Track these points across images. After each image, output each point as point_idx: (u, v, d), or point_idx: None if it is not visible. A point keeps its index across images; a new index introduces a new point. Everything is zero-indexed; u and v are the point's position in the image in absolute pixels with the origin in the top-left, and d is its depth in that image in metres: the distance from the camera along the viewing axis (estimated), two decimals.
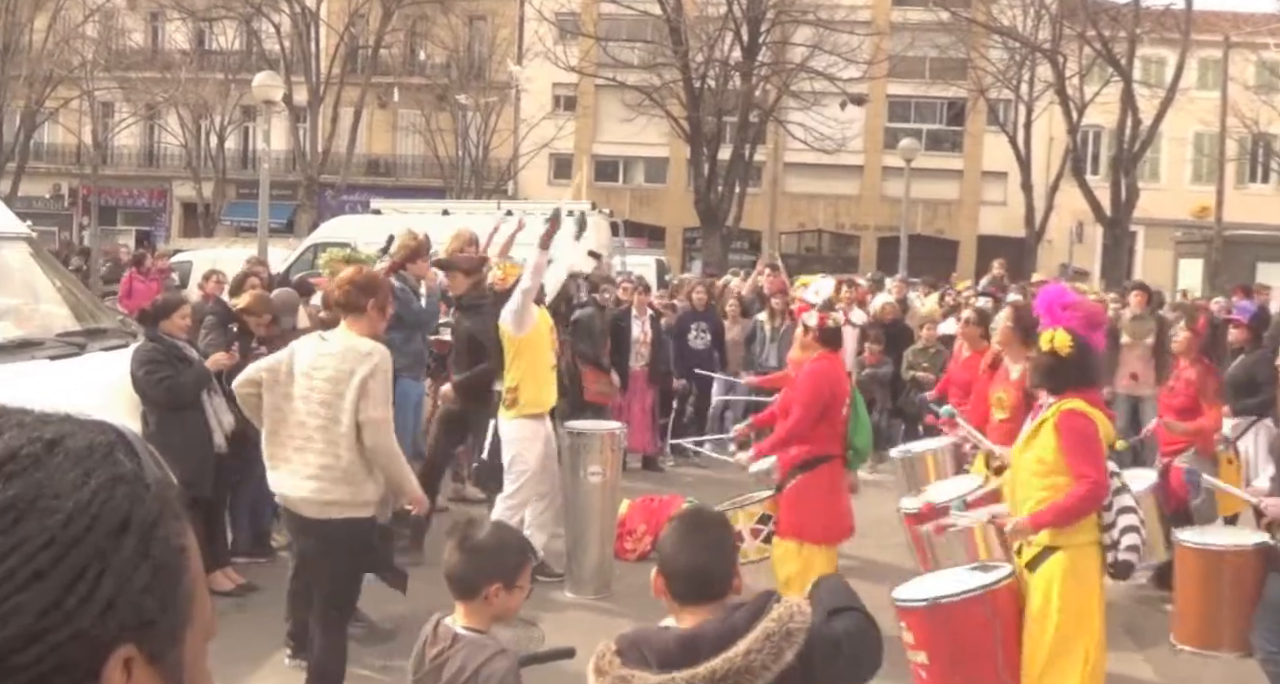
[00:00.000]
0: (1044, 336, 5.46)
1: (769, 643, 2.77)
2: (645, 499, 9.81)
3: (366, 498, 5.60)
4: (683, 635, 2.88)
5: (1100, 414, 5.35)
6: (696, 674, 2.75)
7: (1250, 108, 38.13)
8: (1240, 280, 19.64)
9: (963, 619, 5.27)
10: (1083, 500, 5.12)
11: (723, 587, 2.99)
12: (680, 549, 3.01)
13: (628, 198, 44.56)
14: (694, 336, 13.31)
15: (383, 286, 5.93)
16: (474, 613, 3.48)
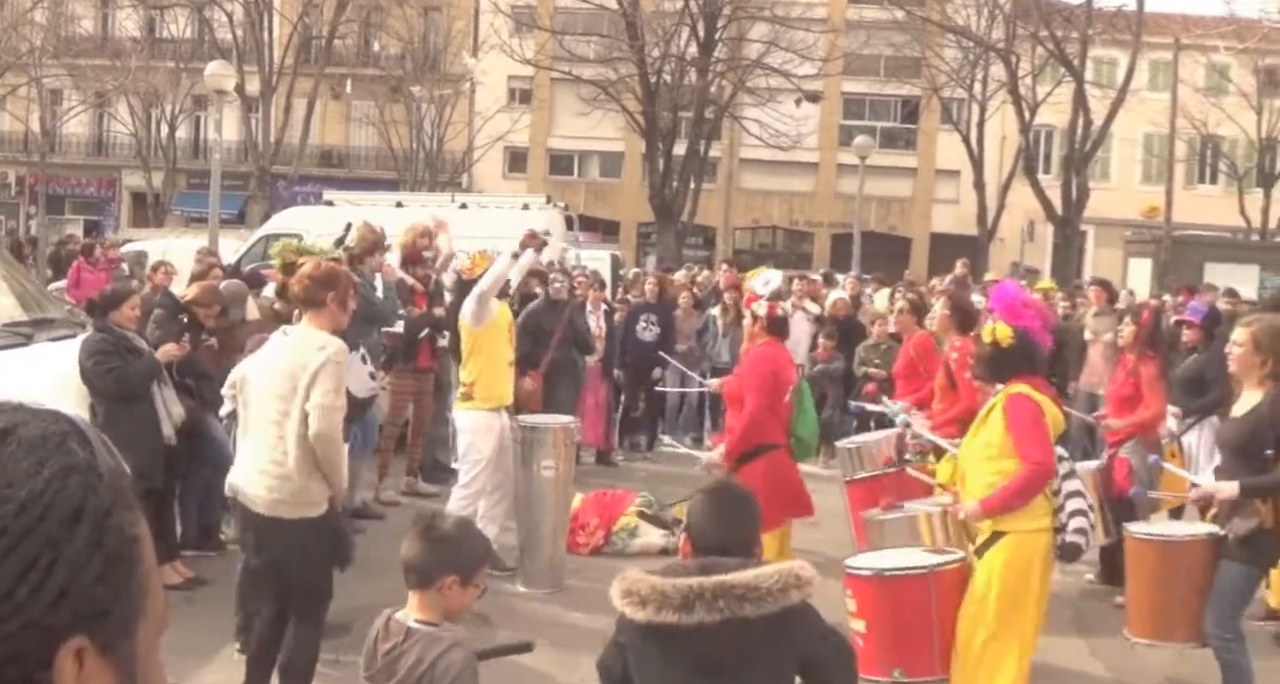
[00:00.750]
0: (985, 329, 5.57)
1: (779, 576, 3.07)
2: (598, 493, 9.81)
3: (313, 498, 5.54)
4: (704, 561, 3.23)
5: (1047, 400, 5.42)
6: (709, 579, 3.05)
7: (1199, 110, 38.62)
8: (1188, 280, 19.85)
9: (905, 594, 5.40)
10: (1028, 482, 5.19)
11: (746, 555, 3.30)
12: (709, 521, 3.34)
13: (582, 192, 44.50)
14: (643, 328, 13.31)
15: (342, 280, 5.88)
16: (427, 605, 3.48)
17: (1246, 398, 5.94)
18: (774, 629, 3.07)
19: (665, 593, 3.06)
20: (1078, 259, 35.05)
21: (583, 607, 7.86)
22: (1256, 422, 5.77)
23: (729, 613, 3.02)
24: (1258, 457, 5.74)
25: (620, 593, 3.15)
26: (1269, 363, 5.82)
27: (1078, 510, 5.31)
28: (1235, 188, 40.58)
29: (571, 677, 6.64)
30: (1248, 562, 5.76)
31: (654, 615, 3.05)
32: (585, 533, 9.27)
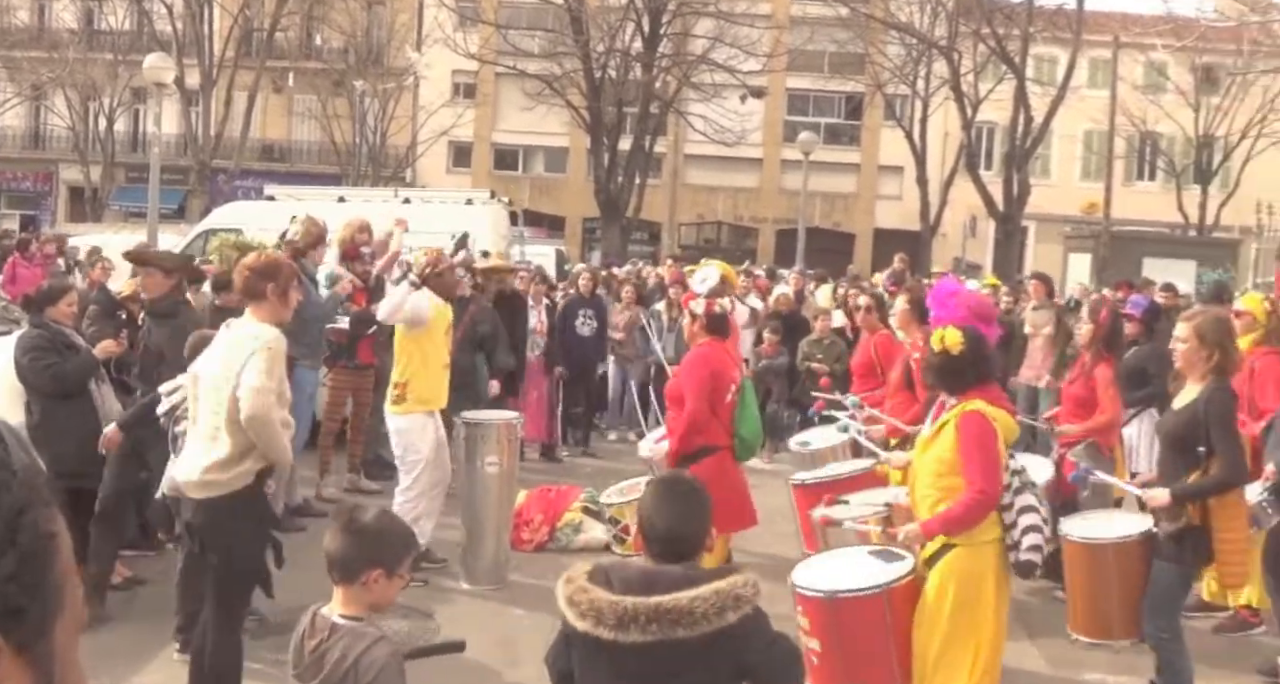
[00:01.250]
0: (934, 336, 5.39)
1: (716, 597, 3.10)
2: (542, 489, 9.78)
3: (245, 469, 5.51)
4: (646, 570, 3.28)
5: (1003, 414, 5.31)
6: (645, 603, 3.09)
7: (1138, 107, 39.14)
8: (1127, 275, 20.08)
9: (860, 614, 5.28)
10: (970, 510, 5.11)
11: (695, 547, 3.34)
12: (657, 513, 3.35)
13: (527, 187, 44.35)
14: (581, 323, 13.29)
15: (283, 270, 5.81)
16: (352, 599, 3.47)
17: (1188, 390, 5.95)
18: (708, 646, 3.12)
19: (601, 611, 3.11)
20: (1019, 254, 35.39)
21: (526, 603, 7.84)
22: (1192, 415, 5.78)
23: (661, 635, 3.08)
24: (1192, 451, 5.75)
25: (564, 598, 3.20)
26: (1215, 356, 5.82)
27: (1031, 526, 5.21)
28: (1173, 184, 41.19)
29: (515, 673, 6.62)
30: (1179, 561, 5.77)
31: (591, 629, 3.12)
32: (529, 529, 9.24)
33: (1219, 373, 5.82)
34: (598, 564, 3.31)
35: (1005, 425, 5.30)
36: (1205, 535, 5.70)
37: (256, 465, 5.53)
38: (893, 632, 5.26)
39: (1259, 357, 7.82)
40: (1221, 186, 39.49)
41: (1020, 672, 6.91)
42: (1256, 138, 38.49)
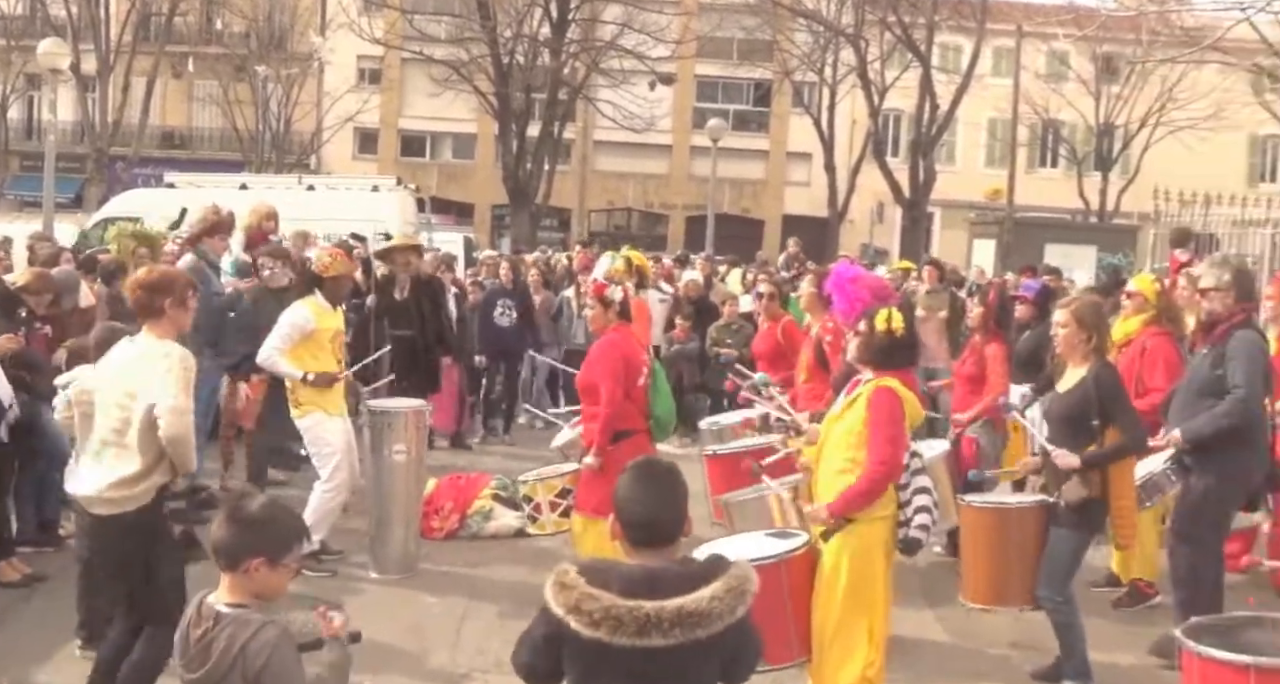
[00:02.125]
0: (880, 316, 5.57)
1: (729, 595, 3.15)
2: (452, 477, 9.71)
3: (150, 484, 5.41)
4: (649, 570, 3.23)
5: (912, 397, 5.52)
6: (665, 607, 3.08)
7: (1041, 95, 39.79)
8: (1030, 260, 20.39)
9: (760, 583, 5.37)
10: (873, 484, 5.32)
11: (674, 532, 3.34)
12: (635, 498, 3.33)
13: (435, 174, 44.02)
14: (500, 313, 13.20)
15: (177, 281, 5.67)
16: (236, 587, 3.45)
17: (1071, 374, 6.17)
18: (716, 641, 3.15)
19: (620, 618, 3.08)
20: (925, 240, 35.84)
21: (437, 590, 7.78)
22: (1083, 395, 6.01)
23: (683, 638, 3.09)
24: (1085, 427, 5.97)
25: (565, 605, 3.12)
26: (1093, 338, 6.09)
27: (923, 507, 5.47)
28: (1074, 171, 41.98)
29: (427, 661, 6.56)
30: (1076, 528, 5.98)
31: (608, 637, 3.07)
32: (439, 517, 9.16)
33: (1099, 353, 6.10)
34: (583, 564, 3.27)
35: (913, 407, 5.52)
36: (1103, 503, 5.94)
37: (162, 479, 5.44)
38: (791, 602, 5.41)
39: (1150, 336, 7.99)
40: (1122, 173, 40.32)
41: (925, 643, 7.02)
42: (1155, 126, 39.35)
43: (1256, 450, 6.61)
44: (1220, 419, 6.40)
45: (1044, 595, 6.01)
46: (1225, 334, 6.55)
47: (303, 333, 8.00)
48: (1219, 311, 6.62)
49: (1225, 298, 6.59)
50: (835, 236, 37.41)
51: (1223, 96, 35.91)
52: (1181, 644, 4.64)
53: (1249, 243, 11.61)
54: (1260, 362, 6.52)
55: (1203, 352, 6.79)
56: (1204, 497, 6.49)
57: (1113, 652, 6.72)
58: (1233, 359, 6.44)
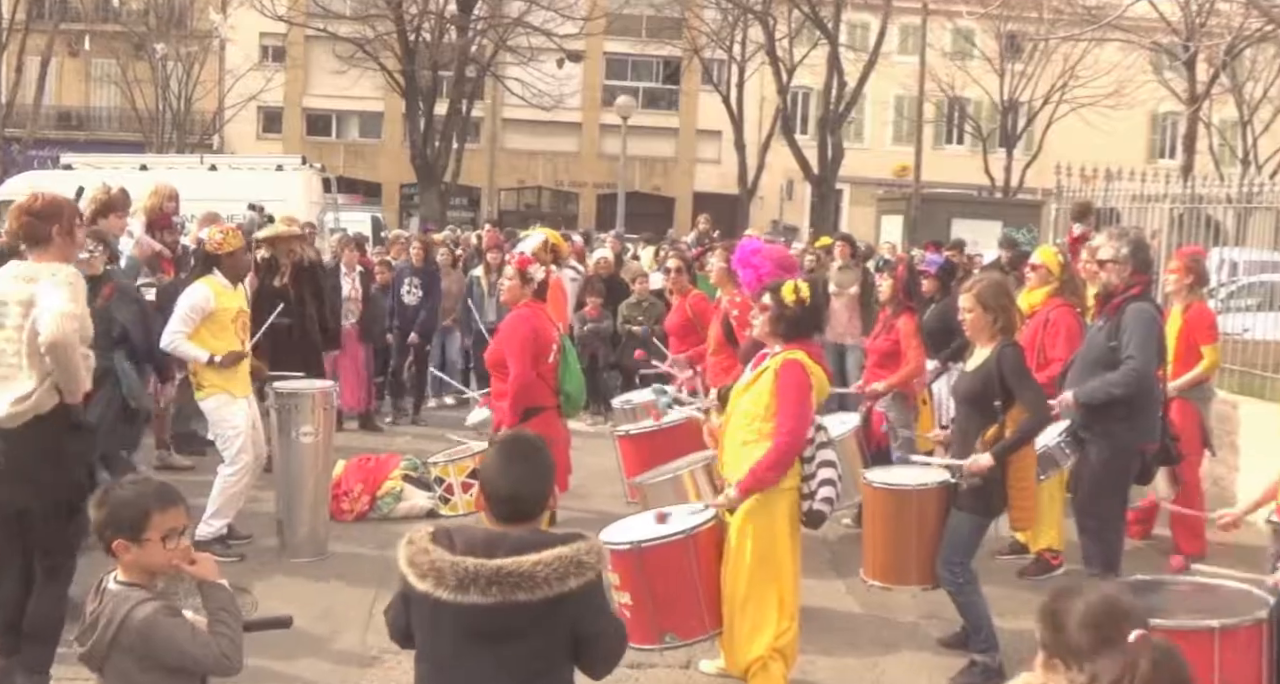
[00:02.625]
0: (786, 288, 5.60)
1: (558, 563, 3.14)
2: (361, 459, 9.61)
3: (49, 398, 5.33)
4: (491, 532, 3.30)
5: (819, 370, 5.57)
6: (486, 564, 3.13)
7: (947, 73, 40.24)
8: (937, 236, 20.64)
9: (664, 561, 5.46)
10: (781, 456, 5.39)
11: (537, 507, 3.37)
12: (500, 474, 3.35)
13: (342, 153, 43.50)
14: (407, 292, 13.07)
15: (65, 209, 5.54)
16: (122, 568, 3.52)
17: (979, 353, 6.24)
18: (548, 610, 3.16)
19: (442, 571, 3.14)
20: (834, 217, 36.09)
21: (348, 573, 7.71)
22: (986, 375, 6.07)
23: (501, 598, 3.10)
24: (988, 407, 6.03)
25: (404, 559, 3.22)
26: (999, 319, 6.13)
27: (827, 479, 5.53)
28: (980, 148, 42.50)
29: (338, 642, 6.51)
30: (975, 512, 6.03)
31: (431, 589, 3.14)
32: (349, 499, 9.07)
33: (1005, 333, 6.14)
34: (441, 525, 3.34)
35: (820, 380, 5.57)
36: (1001, 485, 5.99)
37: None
38: (699, 576, 5.48)
39: (1053, 308, 8.13)
40: (1026, 150, 40.88)
41: (835, 613, 7.10)
42: (1058, 103, 39.95)
43: (1150, 421, 6.75)
44: (1113, 387, 6.53)
45: (944, 576, 6.08)
46: (1120, 306, 6.67)
47: (203, 313, 7.85)
48: (1116, 283, 6.74)
49: (1123, 270, 6.72)
50: (745, 213, 37.53)
51: (1124, 74, 36.60)
52: None
53: (1148, 217, 11.81)
54: (1153, 333, 6.65)
55: (1099, 323, 6.91)
56: (1103, 468, 6.62)
57: (1018, 618, 6.83)
58: (1127, 330, 6.57)
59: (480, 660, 3.20)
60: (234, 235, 8.20)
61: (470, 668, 3.21)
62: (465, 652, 3.20)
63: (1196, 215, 11.31)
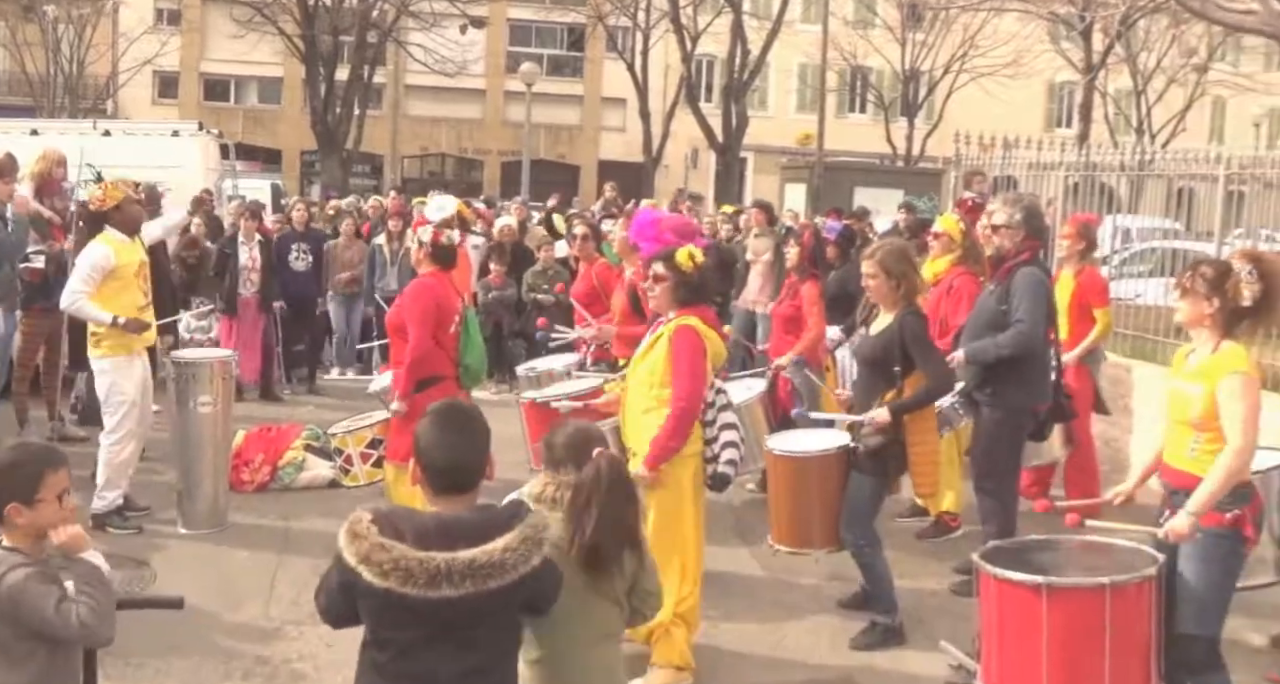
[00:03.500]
0: (682, 254, 5.61)
1: (524, 545, 3.12)
2: (262, 428, 9.49)
3: None
4: (442, 519, 3.18)
5: (713, 334, 5.60)
6: (457, 558, 3.04)
7: (849, 42, 40.50)
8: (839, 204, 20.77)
9: None
10: (679, 421, 5.42)
11: (475, 478, 3.29)
12: (437, 443, 3.27)
13: (240, 119, 42.72)
14: (295, 258, 12.88)
15: None
16: (7, 533, 3.48)
17: (883, 318, 6.30)
18: (513, 589, 3.13)
19: (410, 570, 3.03)
20: (739, 185, 36.25)
21: (249, 544, 7.62)
22: (888, 340, 6.14)
23: (474, 589, 3.05)
24: (888, 372, 6.11)
25: (356, 555, 3.07)
26: (901, 285, 6.19)
27: (730, 442, 5.58)
28: (882, 117, 42.90)
29: (238, 614, 6.43)
30: (875, 474, 6.12)
31: (397, 587, 3.03)
32: (250, 470, 8.95)
33: (908, 299, 6.21)
34: (378, 512, 3.19)
35: (715, 346, 5.61)
36: (901, 449, 6.08)
37: None
38: None
39: (957, 275, 8.25)
40: (927, 119, 41.33)
41: (738, 577, 7.18)
42: (958, 73, 40.45)
43: (1041, 381, 6.89)
44: (1002, 348, 6.65)
45: (847, 539, 6.15)
46: (1011, 270, 6.79)
47: (104, 272, 7.67)
48: (1008, 248, 6.85)
49: (1015, 235, 6.82)
50: (651, 182, 37.52)
51: (1022, 44, 37.14)
52: (979, 567, 4.83)
53: (1045, 185, 12.00)
54: (1042, 297, 6.76)
55: (990, 287, 7.03)
56: (996, 429, 6.74)
57: (918, 579, 6.98)
58: (1016, 294, 6.68)
59: (444, 645, 3.15)
60: (114, 188, 8.00)
61: (433, 653, 3.16)
62: (430, 638, 3.15)
63: (1092, 183, 11.51)
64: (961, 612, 6.15)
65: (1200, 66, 38.62)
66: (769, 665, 6.02)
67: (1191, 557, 4.67)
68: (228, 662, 5.80)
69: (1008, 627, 4.72)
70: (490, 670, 3.23)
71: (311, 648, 5.94)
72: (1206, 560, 4.65)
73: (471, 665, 3.17)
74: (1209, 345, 4.70)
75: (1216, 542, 4.61)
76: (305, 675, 5.72)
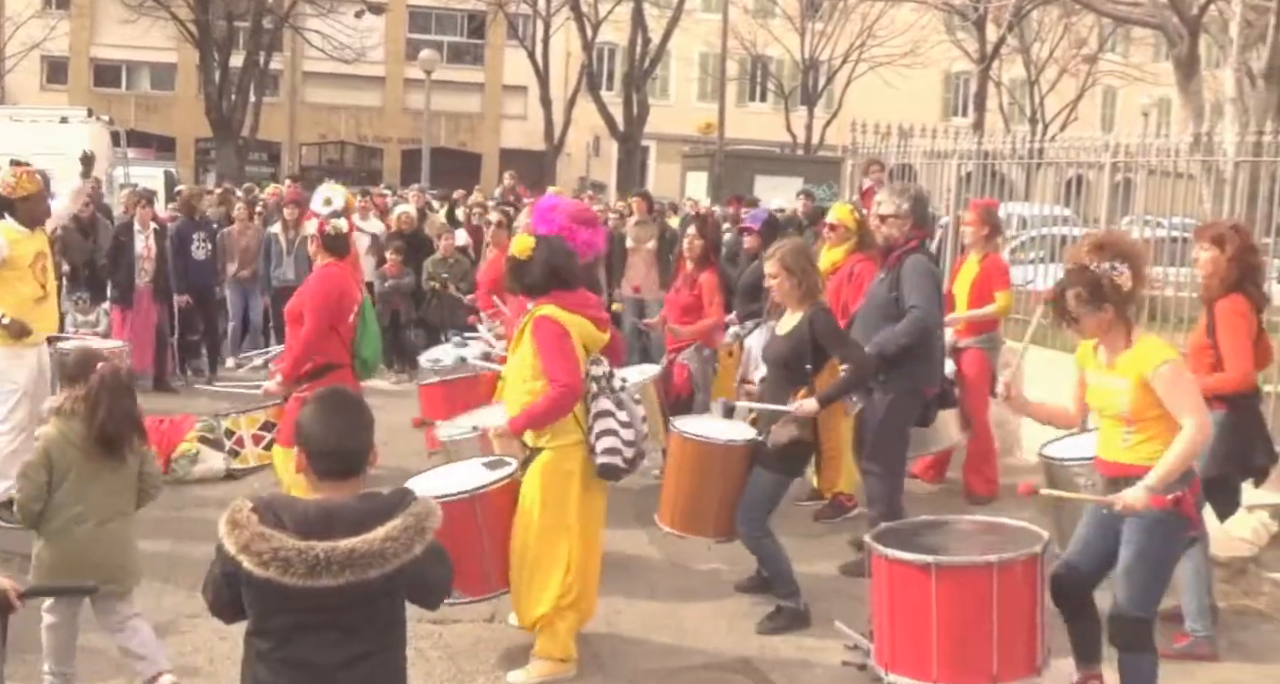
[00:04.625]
0: (515, 242, 5.66)
1: (405, 534, 3.10)
2: (154, 421, 9.28)
3: None
4: (323, 506, 3.16)
5: (575, 318, 5.51)
6: (337, 548, 3.02)
7: (749, 31, 40.73)
8: (740, 193, 20.92)
9: (451, 519, 5.38)
10: (554, 403, 5.39)
11: (360, 463, 3.29)
12: (322, 429, 3.25)
13: (132, 105, 41.78)
14: (196, 247, 12.66)
15: None
16: None
17: (789, 318, 6.35)
18: (396, 575, 3.12)
19: (289, 560, 3.01)
20: (640, 173, 36.32)
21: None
22: (798, 340, 6.18)
23: (354, 578, 3.03)
24: (800, 370, 6.16)
25: (237, 544, 3.05)
26: (803, 283, 6.24)
27: (606, 430, 5.51)
28: (782, 106, 43.23)
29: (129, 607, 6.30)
30: (779, 470, 6.17)
31: (277, 576, 3.01)
32: None
33: (812, 295, 6.27)
34: (259, 500, 3.17)
35: (582, 330, 5.54)
36: (808, 448, 6.18)
37: None
38: (486, 535, 5.50)
39: (856, 262, 8.31)
40: (826, 108, 41.73)
41: (636, 561, 7.22)
42: (857, 62, 40.88)
43: (931, 366, 7.00)
44: (901, 338, 6.72)
45: (741, 531, 6.21)
46: (900, 259, 6.88)
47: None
48: (896, 237, 6.94)
49: (903, 224, 6.91)
50: (552, 170, 37.46)
51: (918, 34, 37.66)
52: (871, 548, 4.92)
53: (941, 173, 12.18)
54: (932, 282, 6.85)
55: (880, 276, 7.12)
56: (887, 413, 6.82)
57: (813, 563, 7.06)
58: (906, 282, 6.77)
59: (327, 632, 3.14)
60: (28, 179, 7.84)
61: (316, 641, 3.14)
62: (312, 627, 3.14)
63: (987, 171, 11.71)
64: (857, 593, 6.24)
65: (1091, 57, 39.49)
66: (669, 651, 6.05)
67: (1131, 540, 4.75)
68: (121, 656, 5.70)
69: (899, 605, 4.82)
70: (374, 657, 3.22)
71: (205, 641, 5.87)
72: (1148, 542, 4.73)
73: (355, 653, 3.16)
74: (1120, 341, 4.77)
75: (1157, 523, 4.67)
76: (200, 669, 5.66)
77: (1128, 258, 4.69)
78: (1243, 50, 16.57)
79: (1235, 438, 5.82)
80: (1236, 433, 5.84)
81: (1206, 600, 6.02)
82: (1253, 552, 6.97)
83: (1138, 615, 4.79)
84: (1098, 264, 4.66)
